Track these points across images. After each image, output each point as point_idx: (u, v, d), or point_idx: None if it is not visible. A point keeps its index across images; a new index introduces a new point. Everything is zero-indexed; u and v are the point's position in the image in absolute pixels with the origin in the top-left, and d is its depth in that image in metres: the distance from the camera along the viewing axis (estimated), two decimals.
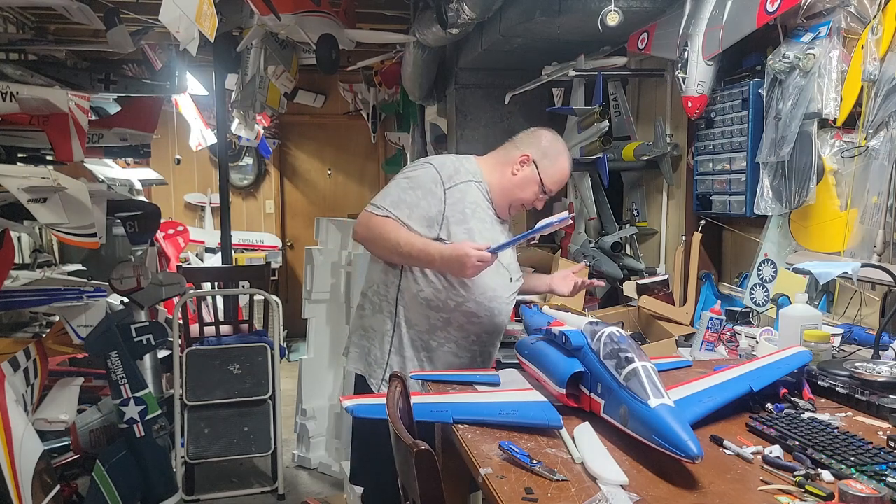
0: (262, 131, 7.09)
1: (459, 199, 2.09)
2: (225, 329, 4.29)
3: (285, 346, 6.41)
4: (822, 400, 1.67)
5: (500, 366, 2.21)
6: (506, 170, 2.19)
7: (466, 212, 2.09)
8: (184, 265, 5.79)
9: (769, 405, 1.58)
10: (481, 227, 2.11)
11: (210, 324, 4.25)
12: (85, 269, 5.18)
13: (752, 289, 2.63)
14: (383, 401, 1.49)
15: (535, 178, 2.16)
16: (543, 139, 2.22)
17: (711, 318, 2.36)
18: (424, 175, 2.11)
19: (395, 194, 2.10)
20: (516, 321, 2.64)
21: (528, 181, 2.17)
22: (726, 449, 1.37)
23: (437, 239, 2.05)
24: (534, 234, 2.07)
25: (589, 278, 2.36)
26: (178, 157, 7.20)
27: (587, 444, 1.36)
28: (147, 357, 3.70)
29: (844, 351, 2.00)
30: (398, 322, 2.15)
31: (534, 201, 2.21)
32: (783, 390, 1.65)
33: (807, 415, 1.53)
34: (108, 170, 5.61)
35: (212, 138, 6.43)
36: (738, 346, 2.33)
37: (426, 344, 2.15)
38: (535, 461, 1.27)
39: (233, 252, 5.56)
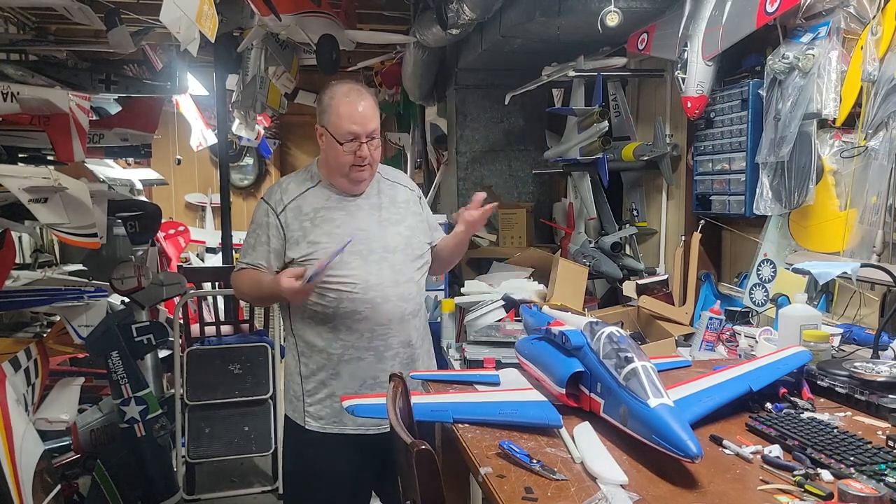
0: (262, 131, 7.09)
1: (294, 216, 2.12)
2: (225, 329, 4.29)
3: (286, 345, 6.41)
4: (822, 400, 1.67)
5: (499, 366, 2.21)
6: (321, 153, 2.19)
7: (305, 225, 2.11)
8: (184, 265, 5.80)
9: (769, 405, 1.59)
10: (329, 228, 2.10)
11: (211, 324, 4.24)
12: (86, 269, 5.18)
13: (751, 289, 2.63)
14: (383, 401, 1.50)
15: (330, 139, 2.09)
16: (321, 98, 2.15)
17: (711, 318, 2.36)
18: (259, 213, 2.17)
19: (244, 248, 2.18)
20: (516, 321, 2.65)
21: (328, 146, 2.11)
22: (726, 448, 1.37)
23: (291, 262, 2.08)
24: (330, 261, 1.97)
25: (589, 278, 2.36)
26: (178, 157, 7.21)
27: (587, 444, 1.36)
28: (148, 357, 3.70)
29: (844, 351, 2.00)
30: (300, 350, 2.18)
31: (354, 157, 2.07)
32: (783, 390, 1.65)
33: (806, 414, 1.53)
34: (109, 170, 5.62)
35: (212, 138, 6.44)
36: (737, 345, 2.33)
37: (330, 360, 2.13)
38: (534, 461, 1.28)
39: (233, 252, 5.56)
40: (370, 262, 2.10)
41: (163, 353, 3.98)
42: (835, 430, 1.40)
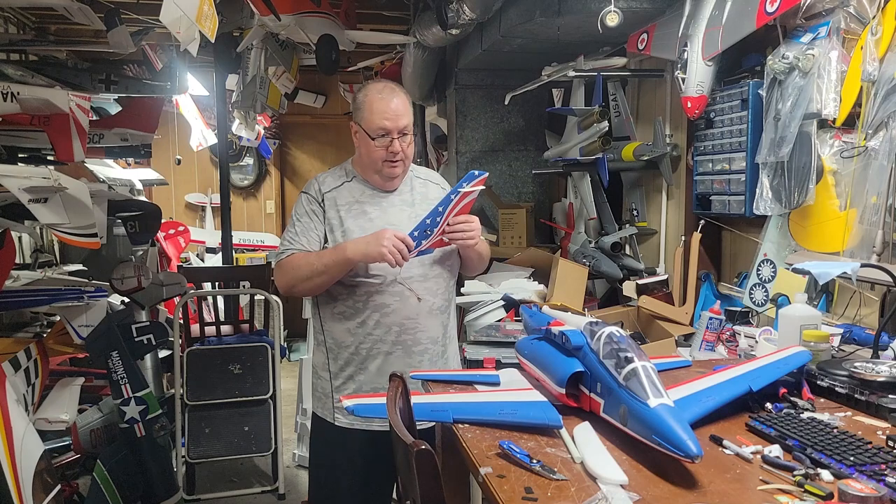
0: (262, 132, 7.09)
1: (330, 206, 2.16)
2: (225, 329, 4.29)
3: (286, 345, 6.42)
4: (822, 400, 1.67)
5: (499, 366, 2.21)
6: (356, 150, 2.22)
7: (341, 215, 2.14)
8: (184, 265, 5.80)
9: (768, 405, 1.59)
10: (362, 221, 2.13)
11: (211, 324, 4.25)
12: (86, 269, 5.17)
13: (751, 289, 2.63)
14: (383, 401, 1.50)
15: (363, 135, 2.13)
16: (356, 96, 2.19)
17: (711, 318, 2.36)
18: (301, 204, 2.21)
19: (290, 234, 2.19)
20: (516, 321, 2.65)
21: (362, 142, 2.15)
22: (726, 448, 1.37)
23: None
24: (448, 206, 2.01)
25: (589, 278, 2.36)
26: (178, 157, 7.20)
27: (587, 444, 1.36)
28: (148, 357, 3.70)
29: (844, 351, 2.00)
30: (329, 347, 2.20)
31: (386, 153, 2.11)
32: (782, 390, 1.65)
33: (806, 414, 1.53)
34: (109, 170, 5.61)
35: (212, 138, 6.44)
36: (737, 345, 2.33)
37: (358, 354, 2.14)
38: (534, 461, 1.28)
39: (233, 252, 5.57)
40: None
41: (163, 353, 3.98)
42: (835, 430, 1.40)
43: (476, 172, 2.05)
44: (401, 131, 2.10)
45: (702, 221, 2.98)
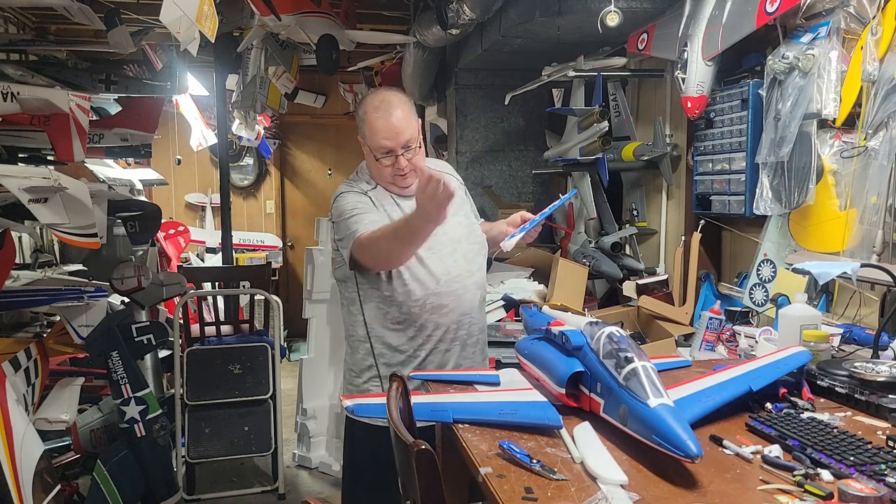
0: (262, 132, 7.09)
1: (373, 202, 2.12)
2: (225, 329, 4.30)
3: (286, 345, 6.42)
4: (822, 400, 1.67)
5: (499, 366, 2.21)
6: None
7: (381, 213, 2.09)
8: (184, 265, 5.80)
9: (768, 405, 1.59)
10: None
11: (211, 324, 4.25)
12: (86, 269, 5.18)
13: (751, 289, 2.63)
14: (383, 400, 1.50)
15: (369, 153, 2.08)
16: (357, 111, 2.13)
17: (711, 318, 2.36)
18: (350, 198, 2.10)
19: (355, 217, 2.05)
20: (516, 321, 2.65)
21: (369, 158, 2.11)
22: (726, 448, 1.37)
23: None
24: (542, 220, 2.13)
25: (589, 278, 2.36)
26: (178, 157, 7.21)
27: (587, 444, 1.36)
28: (148, 357, 3.70)
29: (844, 351, 2.00)
30: (378, 353, 2.12)
31: (393, 170, 2.06)
32: (782, 390, 1.65)
33: (806, 414, 1.53)
34: (109, 170, 5.62)
35: (212, 138, 6.44)
36: (737, 345, 2.33)
37: (415, 358, 2.10)
38: (534, 461, 1.28)
39: (233, 252, 5.57)
40: (444, 255, 2.10)
41: (163, 353, 3.98)
42: (835, 430, 1.40)
43: (573, 191, 2.08)
44: (404, 146, 2.03)
45: (702, 221, 2.98)
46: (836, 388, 1.66)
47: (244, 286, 4.63)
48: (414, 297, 2.06)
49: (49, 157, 3.65)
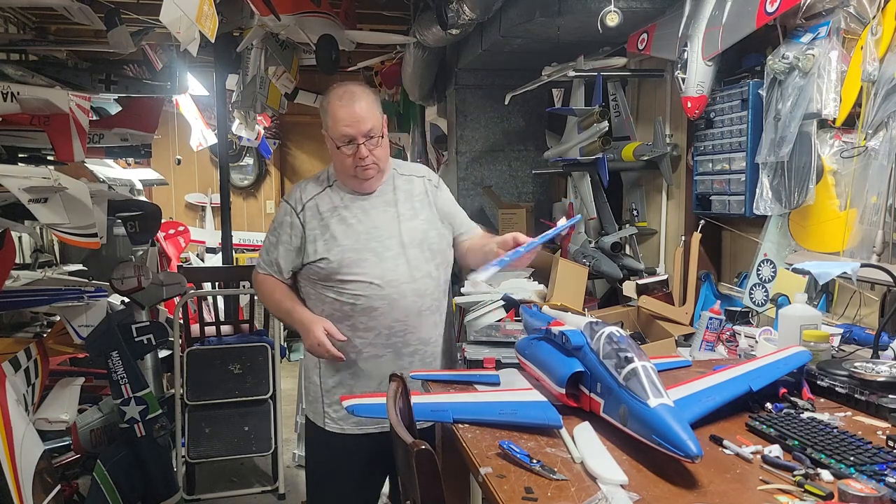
0: (262, 132, 7.10)
1: (312, 215, 2.14)
2: (225, 329, 4.30)
3: (286, 345, 6.42)
4: (822, 400, 1.67)
5: (499, 366, 2.21)
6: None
7: (323, 224, 2.12)
8: (184, 265, 5.81)
9: (768, 405, 1.59)
10: (344, 228, 2.11)
11: (211, 324, 4.25)
12: (86, 269, 5.18)
13: (751, 289, 2.63)
14: (383, 400, 1.50)
15: (331, 143, 2.11)
16: (321, 103, 2.16)
17: (711, 318, 2.36)
18: (280, 213, 2.21)
19: (265, 246, 2.23)
20: (516, 321, 2.65)
21: (331, 149, 2.13)
22: (726, 448, 1.37)
23: (312, 262, 2.12)
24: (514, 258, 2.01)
25: (589, 278, 2.35)
26: (178, 157, 7.22)
27: (587, 444, 1.36)
28: (148, 357, 3.70)
29: (844, 351, 2.00)
30: (319, 362, 2.18)
31: (354, 160, 2.07)
32: (782, 390, 1.65)
33: (806, 414, 1.53)
34: (109, 170, 5.62)
35: (212, 138, 6.45)
36: (737, 345, 2.33)
37: (348, 358, 2.12)
38: (534, 461, 1.28)
39: (233, 252, 5.57)
40: (386, 259, 2.10)
41: (163, 353, 3.98)
42: (835, 430, 1.40)
43: (578, 216, 2.06)
44: (366, 135, 2.05)
45: (702, 221, 2.98)
46: (836, 388, 1.66)
47: (244, 286, 4.62)
48: (347, 296, 2.10)
49: (49, 157, 3.65)
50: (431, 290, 2.16)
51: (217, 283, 4.50)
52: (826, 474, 1.23)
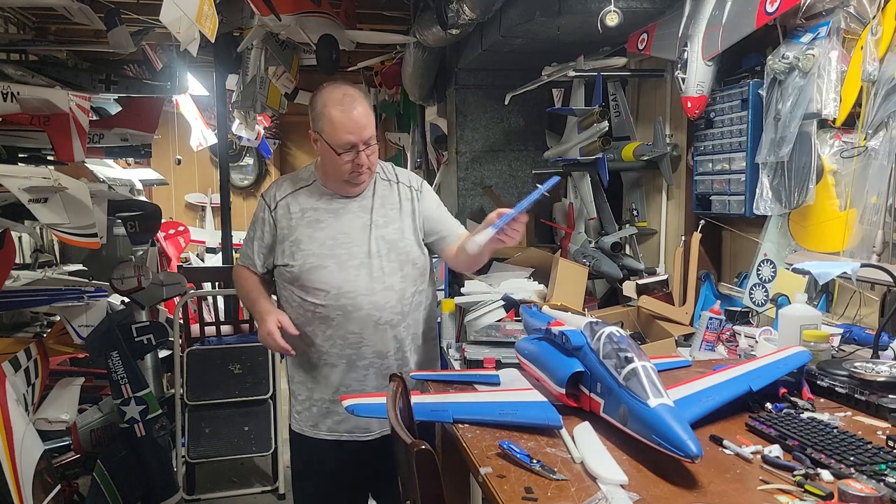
0: (262, 132, 7.10)
1: (283, 214, 2.14)
2: (225, 329, 4.30)
3: None
4: (822, 400, 1.67)
5: (500, 366, 2.21)
6: (318, 156, 2.17)
7: (291, 224, 2.12)
8: (184, 265, 5.81)
9: (768, 405, 1.59)
10: (311, 231, 2.10)
11: (211, 324, 4.25)
12: (86, 269, 5.18)
13: (751, 289, 2.63)
14: (383, 400, 1.50)
15: (326, 147, 2.04)
16: (313, 104, 2.08)
17: (711, 318, 2.36)
18: (257, 208, 2.22)
19: (245, 239, 2.26)
20: (516, 321, 2.65)
21: (325, 153, 2.07)
22: (726, 448, 1.37)
23: (280, 265, 2.14)
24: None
25: (589, 278, 2.35)
26: (178, 157, 7.22)
27: (587, 444, 1.36)
28: (148, 357, 3.71)
29: (844, 351, 2.00)
30: (286, 357, 2.22)
31: (352, 165, 2.04)
32: (782, 390, 1.65)
33: (806, 414, 1.53)
34: (109, 170, 5.62)
35: (212, 138, 6.45)
36: (737, 345, 2.33)
37: (308, 364, 2.15)
38: (534, 461, 1.28)
39: (233, 252, 5.56)
40: (348, 268, 2.08)
41: (163, 353, 3.98)
42: (835, 430, 1.40)
43: (555, 178, 2.01)
44: (366, 142, 2.04)
45: (702, 221, 2.98)
46: (836, 388, 1.66)
47: None
48: (306, 303, 2.11)
49: (49, 157, 3.65)
50: (392, 304, 2.11)
51: (217, 283, 4.51)
52: (826, 474, 1.23)
